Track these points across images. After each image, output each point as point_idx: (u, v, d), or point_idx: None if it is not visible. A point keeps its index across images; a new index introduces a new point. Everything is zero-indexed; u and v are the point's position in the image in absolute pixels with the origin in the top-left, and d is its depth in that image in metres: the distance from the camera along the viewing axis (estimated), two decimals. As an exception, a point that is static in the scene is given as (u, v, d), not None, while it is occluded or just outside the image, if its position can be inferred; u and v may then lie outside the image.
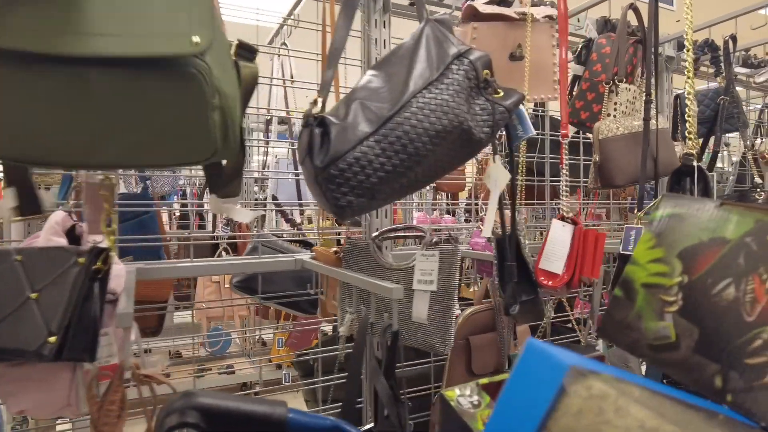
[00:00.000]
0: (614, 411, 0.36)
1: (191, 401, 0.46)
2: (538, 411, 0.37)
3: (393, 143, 0.78)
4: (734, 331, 0.54)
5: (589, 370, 0.38)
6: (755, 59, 2.26)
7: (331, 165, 0.75)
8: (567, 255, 1.01)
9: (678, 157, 1.43)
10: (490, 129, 0.85)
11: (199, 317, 3.31)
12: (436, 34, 0.88)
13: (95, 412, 0.69)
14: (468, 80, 0.84)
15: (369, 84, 0.84)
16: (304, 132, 0.78)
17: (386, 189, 0.80)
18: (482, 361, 1.38)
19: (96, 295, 0.73)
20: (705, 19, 1.98)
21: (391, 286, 0.90)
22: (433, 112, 0.80)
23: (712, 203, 0.63)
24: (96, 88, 0.55)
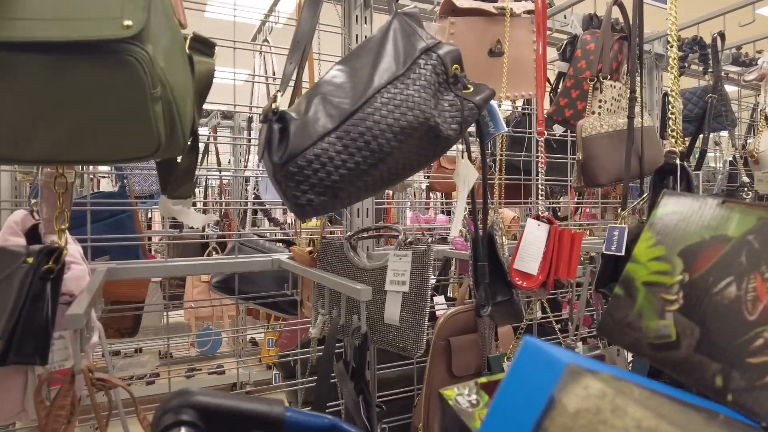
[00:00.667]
0: (611, 410, 0.35)
1: (188, 399, 0.45)
2: (534, 410, 0.37)
3: (355, 140, 0.75)
4: (735, 330, 0.54)
5: (587, 369, 0.37)
6: (745, 57, 2.24)
7: (289, 162, 0.73)
8: (542, 255, 0.99)
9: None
10: (459, 126, 0.82)
11: (188, 317, 3.28)
12: (404, 27, 0.85)
13: (43, 418, 0.67)
14: (436, 75, 0.82)
15: (333, 79, 0.81)
16: (263, 128, 0.76)
17: (349, 187, 0.77)
18: (463, 363, 1.36)
19: (47, 296, 0.70)
20: (694, 16, 1.96)
21: (359, 287, 0.88)
22: (397, 107, 0.77)
23: (714, 201, 0.63)
24: (26, 76, 0.52)
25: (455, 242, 1.51)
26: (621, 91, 1.54)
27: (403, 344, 1.01)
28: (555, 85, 1.67)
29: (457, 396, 0.65)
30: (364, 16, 1.49)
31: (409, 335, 1.00)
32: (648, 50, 2.10)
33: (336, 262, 1.13)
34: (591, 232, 2.50)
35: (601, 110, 1.49)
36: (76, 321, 0.67)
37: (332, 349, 0.94)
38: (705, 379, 0.55)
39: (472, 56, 1.23)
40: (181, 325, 3.77)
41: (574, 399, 0.36)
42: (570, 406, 0.36)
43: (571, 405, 0.36)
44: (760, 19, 1.69)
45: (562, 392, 0.37)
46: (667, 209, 0.68)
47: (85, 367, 0.71)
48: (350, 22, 1.49)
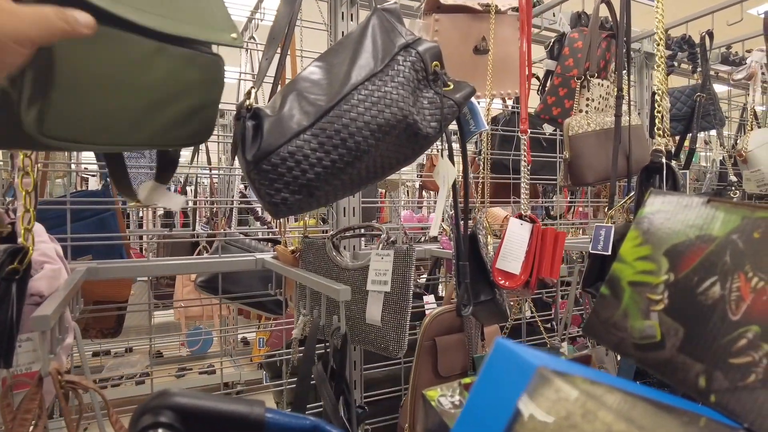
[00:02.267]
0: (582, 415, 0.35)
1: (166, 400, 0.44)
2: (505, 413, 0.36)
3: (331, 137, 0.74)
4: (719, 331, 0.54)
5: (558, 372, 0.37)
6: (735, 56, 2.24)
7: (263, 160, 0.71)
8: (525, 255, 0.98)
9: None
10: (438, 123, 0.81)
11: (178, 317, 3.26)
12: (383, 24, 0.84)
13: (8, 422, 0.65)
14: (415, 72, 0.81)
15: (310, 75, 0.80)
16: (237, 125, 0.74)
17: (325, 186, 0.76)
18: (449, 363, 1.35)
19: (12, 298, 0.68)
20: (684, 15, 1.96)
21: (338, 287, 0.86)
22: (374, 104, 0.76)
23: (699, 200, 0.63)
24: (132, 54, 0.55)
25: (442, 241, 1.50)
26: (609, 90, 1.53)
27: (385, 344, 0.99)
28: (543, 83, 1.66)
29: (440, 397, 0.65)
30: (350, 12, 1.48)
31: (390, 335, 0.99)
32: (637, 49, 2.09)
33: (318, 261, 1.12)
34: (583, 231, 2.50)
35: (589, 109, 1.48)
36: (43, 323, 0.65)
37: (312, 350, 0.93)
38: (688, 379, 0.55)
39: (457, 53, 1.22)
40: (172, 325, 3.75)
41: (545, 403, 0.36)
42: (540, 410, 0.36)
43: (541, 409, 0.36)
44: (750, 19, 1.69)
45: (533, 396, 0.36)
46: (654, 208, 0.68)
47: (53, 369, 0.69)
48: (336, 18, 1.47)
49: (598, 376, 0.40)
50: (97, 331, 1.44)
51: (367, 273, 1.03)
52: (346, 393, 0.92)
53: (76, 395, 0.74)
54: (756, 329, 0.53)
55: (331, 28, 1.48)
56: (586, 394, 0.36)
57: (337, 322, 0.90)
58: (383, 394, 1.57)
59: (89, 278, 1.15)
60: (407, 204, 4.11)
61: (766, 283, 0.54)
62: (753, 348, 0.53)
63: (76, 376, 0.73)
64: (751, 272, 0.54)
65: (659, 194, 0.70)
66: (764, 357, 0.51)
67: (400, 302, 0.99)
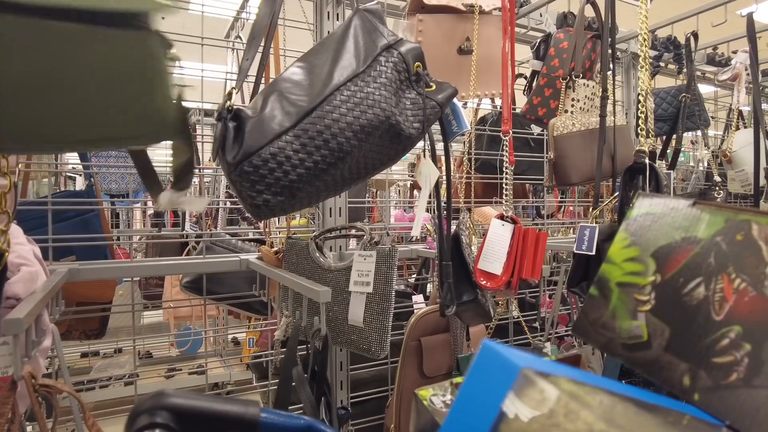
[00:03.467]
0: (564, 415, 0.36)
1: (161, 401, 0.44)
2: (491, 413, 0.37)
3: (313, 138, 0.73)
4: (703, 330, 0.55)
5: (542, 373, 0.38)
6: (721, 57, 2.26)
7: (244, 161, 0.71)
8: (506, 255, 0.98)
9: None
10: (421, 124, 0.81)
11: (167, 317, 3.24)
12: (365, 24, 0.84)
13: (-19, 426, 0.64)
14: (397, 73, 0.81)
15: (292, 76, 0.79)
16: (218, 126, 0.73)
17: (308, 187, 0.75)
18: (434, 363, 1.35)
19: (-13, 300, 0.68)
20: (670, 16, 1.97)
21: (318, 289, 0.86)
22: (356, 105, 0.76)
23: (686, 202, 0.64)
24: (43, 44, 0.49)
25: (428, 241, 1.50)
26: (594, 90, 1.54)
27: (367, 345, 0.99)
28: (529, 83, 1.66)
29: (432, 396, 0.65)
30: (336, 12, 1.47)
31: (372, 336, 0.99)
32: (624, 49, 2.10)
33: (301, 262, 1.11)
34: (573, 230, 2.51)
35: (574, 109, 1.49)
36: (15, 326, 0.65)
37: (294, 351, 0.92)
38: (674, 378, 0.56)
39: (442, 54, 1.22)
40: (163, 325, 3.72)
41: (529, 403, 0.37)
42: (524, 409, 0.37)
43: (525, 409, 0.37)
44: (735, 19, 1.71)
45: (517, 396, 0.37)
46: (641, 210, 0.69)
47: (27, 373, 0.68)
48: (321, 18, 1.46)
49: (581, 377, 0.41)
50: (80, 332, 1.42)
51: (350, 274, 1.03)
52: (327, 394, 0.92)
53: (52, 399, 0.73)
54: (738, 329, 0.54)
55: (317, 28, 1.48)
56: (569, 395, 0.37)
57: (318, 324, 0.89)
58: (370, 394, 1.57)
59: (71, 279, 1.14)
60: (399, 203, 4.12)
61: (747, 284, 0.55)
62: (735, 347, 0.54)
63: (51, 380, 0.72)
64: (734, 273, 0.56)
65: (647, 197, 0.71)
66: (746, 356, 0.52)
67: (383, 303, 0.99)
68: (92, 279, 1.19)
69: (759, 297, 0.54)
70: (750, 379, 0.51)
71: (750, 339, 0.53)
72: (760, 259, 0.56)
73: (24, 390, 0.70)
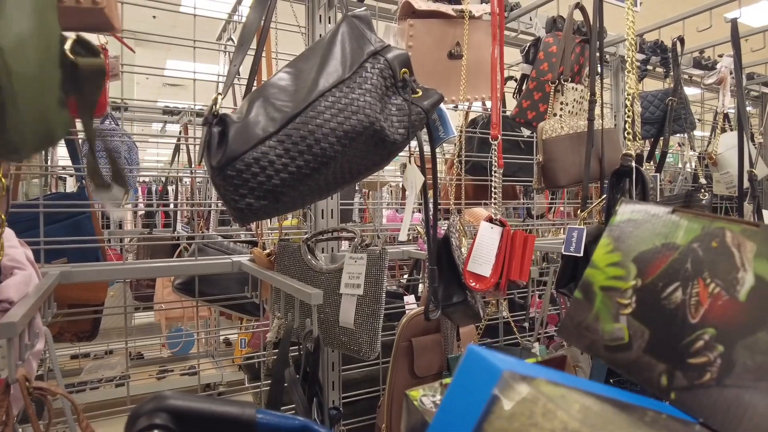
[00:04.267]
0: (542, 414, 0.38)
1: (161, 403, 0.46)
2: (474, 414, 0.39)
3: (297, 143, 0.74)
4: (680, 333, 0.57)
5: (522, 375, 0.40)
6: (707, 61, 2.29)
7: (227, 166, 0.72)
8: (495, 257, 0.99)
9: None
10: (406, 130, 0.82)
11: (158, 318, 3.24)
12: (353, 30, 0.85)
13: (-26, 429, 0.65)
14: (383, 79, 0.82)
15: (279, 81, 0.81)
16: (203, 130, 0.75)
17: (292, 191, 0.76)
18: (425, 363, 1.36)
19: (-22, 304, 0.68)
20: (658, 20, 2.00)
21: (310, 291, 0.87)
22: (341, 111, 0.77)
23: (666, 209, 0.67)
24: None
25: (419, 243, 1.51)
26: (583, 94, 1.56)
27: (357, 347, 1.00)
28: (518, 86, 1.68)
29: (422, 397, 0.67)
30: (328, 16, 1.48)
31: (363, 338, 1.00)
32: (613, 53, 2.13)
33: (293, 264, 1.13)
34: (564, 231, 2.53)
35: (563, 113, 1.51)
36: (9, 329, 0.65)
37: (286, 352, 0.94)
38: (652, 378, 0.58)
39: (432, 58, 1.24)
40: (154, 326, 3.72)
41: (510, 404, 0.39)
42: (506, 410, 0.38)
43: (507, 409, 0.38)
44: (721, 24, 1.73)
45: (499, 397, 0.39)
46: (624, 217, 0.71)
47: (21, 376, 0.69)
48: (314, 22, 1.47)
49: (561, 379, 0.43)
50: (72, 334, 1.43)
51: (341, 276, 1.04)
52: (318, 395, 0.93)
53: (45, 401, 0.74)
54: (712, 331, 0.56)
55: (309, 31, 1.49)
56: (547, 396, 0.39)
57: (309, 326, 0.90)
58: (362, 394, 1.59)
59: (63, 282, 1.15)
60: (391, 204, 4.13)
61: (721, 289, 0.58)
62: (709, 349, 0.56)
63: (44, 382, 0.73)
64: (709, 278, 0.58)
65: (629, 203, 0.73)
66: (719, 357, 0.55)
67: (373, 305, 1.00)
68: (84, 281, 1.19)
69: (731, 301, 0.56)
70: (722, 379, 0.53)
71: (722, 341, 0.55)
72: (732, 264, 0.58)
73: (18, 393, 0.71)
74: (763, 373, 0.50)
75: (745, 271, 0.57)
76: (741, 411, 0.50)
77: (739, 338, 0.54)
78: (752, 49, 2.10)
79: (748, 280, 0.56)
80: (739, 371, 0.52)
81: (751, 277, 0.56)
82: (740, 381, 0.52)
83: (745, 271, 0.57)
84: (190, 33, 1.45)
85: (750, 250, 0.58)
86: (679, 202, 1.90)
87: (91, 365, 3.32)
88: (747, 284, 0.56)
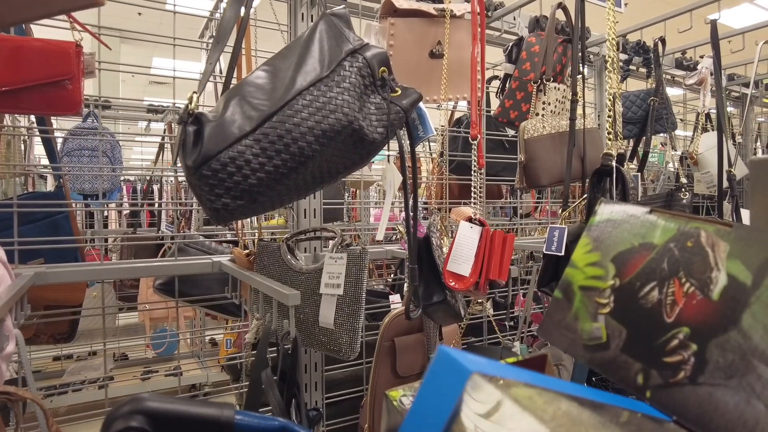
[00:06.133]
0: (510, 416, 0.38)
1: (137, 405, 0.45)
2: (443, 415, 0.39)
3: (274, 142, 0.73)
4: (656, 332, 0.57)
5: (492, 377, 0.40)
6: (689, 61, 2.31)
7: (203, 165, 0.70)
8: (474, 257, 0.99)
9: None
10: (385, 129, 0.82)
11: (142, 318, 3.20)
12: (331, 29, 0.84)
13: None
14: (362, 78, 0.81)
15: (255, 79, 0.79)
16: (178, 129, 0.73)
17: (269, 191, 0.75)
18: (408, 363, 1.36)
19: (-56, 306, 0.66)
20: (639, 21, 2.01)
21: (287, 292, 0.86)
22: (318, 110, 0.76)
23: (644, 210, 0.67)
24: None
25: (402, 242, 1.51)
26: (565, 93, 1.57)
27: (337, 347, 1.00)
28: (501, 86, 1.69)
29: (402, 397, 0.66)
30: (311, 13, 1.47)
31: (343, 339, 0.99)
32: (596, 53, 2.14)
33: (272, 264, 1.11)
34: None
35: (545, 112, 1.51)
36: (-26, 332, 0.64)
37: (263, 353, 0.93)
38: (629, 377, 0.58)
39: (413, 57, 1.23)
40: (139, 327, 3.68)
41: (476, 406, 0.38)
42: (473, 412, 0.38)
43: (474, 411, 0.38)
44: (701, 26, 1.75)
45: (468, 399, 0.39)
46: (603, 217, 0.72)
47: (-13, 379, 0.67)
48: (296, 20, 1.46)
49: (533, 379, 0.43)
50: (48, 336, 1.40)
51: (321, 276, 1.03)
52: (297, 396, 0.92)
53: (14, 406, 0.72)
54: (686, 330, 0.57)
55: (291, 29, 1.48)
56: (515, 398, 0.39)
57: (287, 327, 0.90)
58: (346, 394, 1.58)
59: (37, 283, 1.12)
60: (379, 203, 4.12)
61: (695, 288, 0.58)
62: (683, 347, 0.56)
63: (12, 386, 0.71)
64: (684, 278, 0.59)
65: (608, 204, 0.74)
66: (692, 355, 0.55)
67: (353, 305, 1.00)
68: (60, 282, 1.17)
69: (705, 300, 0.57)
70: (695, 377, 0.53)
71: (696, 339, 0.55)
72: (707, 264, 0.58)
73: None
74: (733, 371, 0.51)
75: (718, 271, 0.57)
76: (713, 408, 0.50)
77: (711, 337, 0.54)
78: (732, 51, 2.13)
79: (721, 279, 0.56)
80: (711, 369, 0.53)
81: (724, 277, 0.56)
82: (712, 379, 0.52)
83: (719, 271, 0.57)
84: (176, 30, 1.43)
85: (723, 250, 0.58)
86: (660, 201, 1.92)
87: (73, 367, 3.28)
88: (720, 284, 0.56)
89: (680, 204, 1.84)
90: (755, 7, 6.31)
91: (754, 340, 0.51)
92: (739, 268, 0.55)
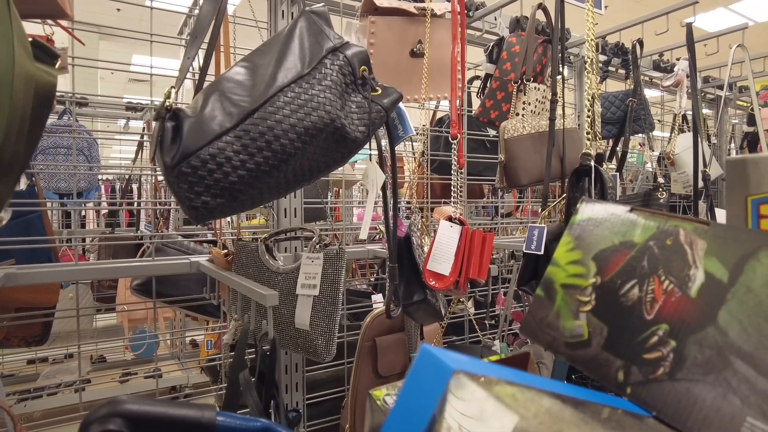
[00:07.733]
0: (492, 414, 0.38)
1: (115, 408, 0.44)
2: (426, 414, 0.39)
3: (255, 140, 0.72)
4: (636, 329, 0.58)
5: (474, 375, 0.40)
6: (666, 63, 2.35)
7: (182, 162, 0.69)
8: (454, 256, 0.99)
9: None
10: (366, 128, 0.81)
11: (120, 320, 3.14)
12: (311, 26, 0.83)
13: None
14: (343, 76, 0.80)
15: (235, 75, 0.78)
16: (156, 125, 0.72)
17: (250, 189, 0.74)
18: (389, 362, 1.36)
19: None
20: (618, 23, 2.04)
21: (265, 293, 0.85)
22: (300, 107, 0.75)
23: (624, 208, 0.68)
24: None
25: (383, 242, 1.50)
26: (545, 94, 1.58)
27: (313, 349, 0.99)
28: (482, 86, 1.69)
29: (385, 396, 0.66)
30: (291, 11, 1.46)
31: (318, 340, 0.98)
32: (577, 54, 2.16)
33: (250, 264, 1.10)
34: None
35: (525, 112, 1.52)
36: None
37: (242, 354, 0.91)
38: (610, 374, 0.59)
39: (394, 56, 1.23)
40: (118, 328, 3.60)
41: (459, 404, 0.38)
42: (456, 410, 0.38)
43: (456, 409, 0.38)
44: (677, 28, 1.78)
45: (451, 397, 0.39)
46: (584, 216, 0.72)
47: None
48: (276, 17, 1.45)
49: (515, 377, 0.43)
50: (20, 339, 1.36)
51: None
52: (276, 397, 0.91)
53: (-19, 411, 0.70)
54: (665, 327, 0.58)
55: (271, 26, 1.46)
56: (497, 395, 0.40)
57: (265, 327, 0.88)
58: (328, 394, 1.57)
59: (7, 284, 1.09)
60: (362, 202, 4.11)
61: (674, 285, 0.59)
62: (662, 344, 0.57)
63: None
64: (664, 276, 0.59)
65: (590, 202, 0.75)
66: (671, 352, 0.56)
67: (329, 306, 0.99)
68: (31, 283, 1.14)
69: (683, 297, 0.57)
70: (674, 373, 0.54)
71: (675, 336, 0.56)
72: (685, 262, 0.59)
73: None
74: (710, 367, 0.52)
75: (696, 268, 0.58)
76: (690, 403, 0.51)
77: (689, 333, 0.55)
78: (707, 54, 2.17)
79: (699, 276, 0.57)
80: (689, 365, 0.53)
81: (702, 274, 0.57)
82: (690, 375, 0.53)
83: (697, 268, 0.58)
84: (156, 27, 1.41)
85: (701, 248, 0.59)
86: (638, 200, 1.95)
87: (48, 370, 3.20)
88: (698, 281, 0.57)
89: (658, 203, 1.87)
90: (729, 12, 6.46)
91: (731, 336, 0.52)
92: (716, 265, 0.56)
